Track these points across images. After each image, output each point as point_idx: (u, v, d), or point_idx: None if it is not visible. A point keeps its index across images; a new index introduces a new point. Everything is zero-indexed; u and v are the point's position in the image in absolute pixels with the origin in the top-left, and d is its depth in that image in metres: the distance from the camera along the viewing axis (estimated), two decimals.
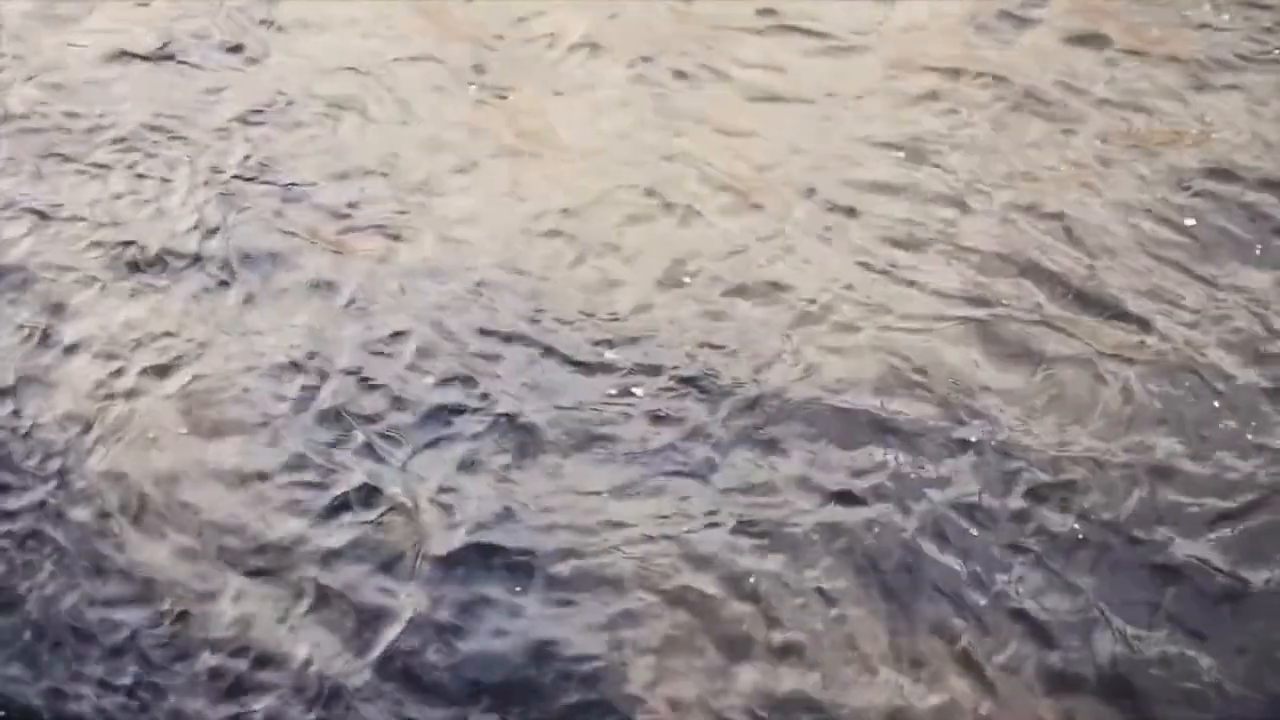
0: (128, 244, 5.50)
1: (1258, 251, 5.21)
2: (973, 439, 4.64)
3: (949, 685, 4.05)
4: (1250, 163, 5.56)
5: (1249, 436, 4.59)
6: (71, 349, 5.11)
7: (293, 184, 5.78)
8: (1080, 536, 4.36)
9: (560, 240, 5.46)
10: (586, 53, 6.34)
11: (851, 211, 5.48)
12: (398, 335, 5.13)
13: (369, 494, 4.62)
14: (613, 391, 4.90)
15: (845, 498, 4.50)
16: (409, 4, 6.72)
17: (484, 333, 5.13)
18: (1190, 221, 5.35)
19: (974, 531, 4.39)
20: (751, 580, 4.31)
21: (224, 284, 5.36)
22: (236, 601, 4.38)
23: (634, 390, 4.89)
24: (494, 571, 4.39)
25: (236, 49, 6.50)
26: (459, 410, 4.86)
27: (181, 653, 4.28)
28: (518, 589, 4.34)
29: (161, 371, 5.05)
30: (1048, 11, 6.39)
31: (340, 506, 4.59)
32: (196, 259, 5.45)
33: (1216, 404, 4.70)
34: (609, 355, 5.02)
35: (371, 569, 4.42)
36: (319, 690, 4.17)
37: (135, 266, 5.43)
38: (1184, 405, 4.70)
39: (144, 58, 6.44)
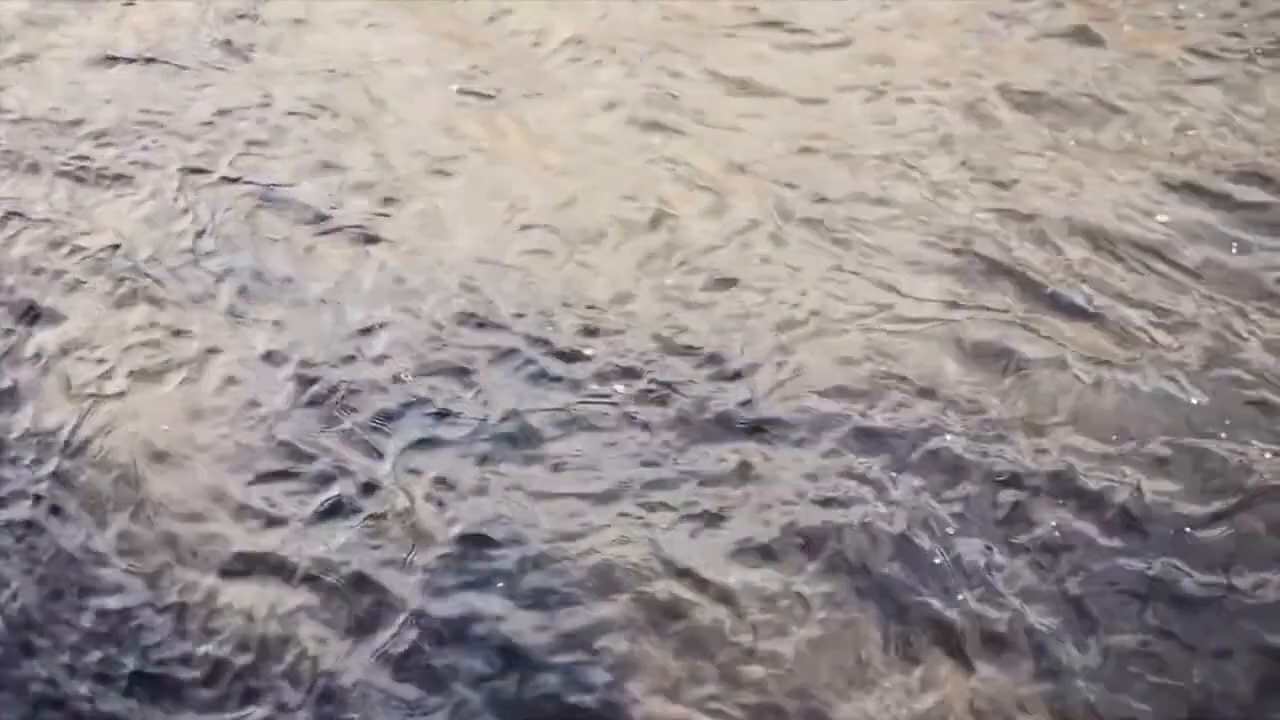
0: (114, 246, 5.54)
1: (1234, 250, 5.23)
2: (956, 439, 4.65)
3: (937, 686, 4.06)
4: (1229, 159, 5.57)
5: (1228, 436, 4.58)
6: (62, 349, 5.14)
7: (274, 185, 5.81)
8: (1065, 537, 4.36)
9: (544, 238, 5.49)
10: (572, 52, 6.37)
11: (832, 211, 5.50)
12: (382, 331, 5.15)
13: (362, 490, 4.65)
14: (594, 389, 4.92)
15: (828, 499, 4.51)
16: (397, 4, 6.74)
17: (468, 330, 5.15)
18: (1166, 218, 5.36)
19: (959, 532, 4.40)
20: (737, 583, 4.31)
21: (212, 283, 5.39)
22: (232, 596, 4.41)
23: (616, 389, 4.91)
24: (483, 570, 4.42)
25: (223, 48, 6.52)
26: (444, 407, 4.88)
27: (178, 648, 4.30)
28: (501, 585, 4.37)
29: (151, 370, 5.07)
30: (1034, 10, 6.41)
31: (334, 502, 4.62)
32: (183, 258, 5.48)
33: (1195, 401, 4.71)
34: (590, 354, 5.03)
35: (366, 565, 4.45)
36: (313, 685, 4.20)
37: (121, 267, 5.45)
38: (1164, 405, 4.69)
39: (131, 58, 6.46)
